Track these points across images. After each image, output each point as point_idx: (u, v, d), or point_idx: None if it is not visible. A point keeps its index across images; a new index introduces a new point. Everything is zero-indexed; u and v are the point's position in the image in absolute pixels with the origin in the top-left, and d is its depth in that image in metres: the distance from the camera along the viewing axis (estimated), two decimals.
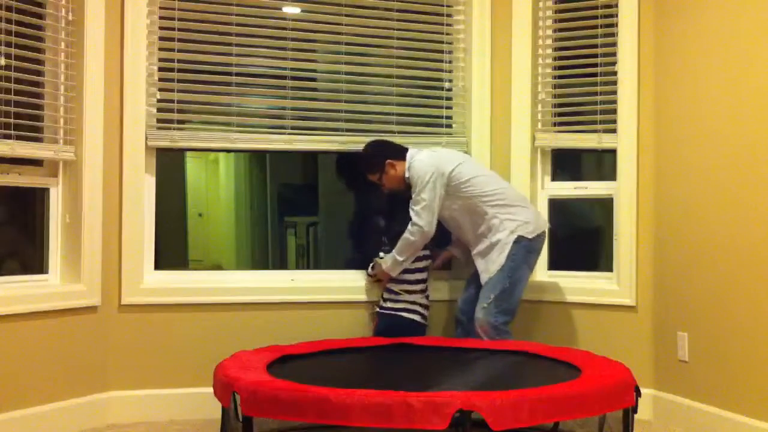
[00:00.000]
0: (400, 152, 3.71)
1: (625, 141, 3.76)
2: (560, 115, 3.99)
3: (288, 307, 3.78)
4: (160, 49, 3.69)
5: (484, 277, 3.55)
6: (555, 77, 3.99)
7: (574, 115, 3.94)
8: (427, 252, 3.75)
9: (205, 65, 3.76)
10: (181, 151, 5.05)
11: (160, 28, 3.69)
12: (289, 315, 3.77)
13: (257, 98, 3.96)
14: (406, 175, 3.65)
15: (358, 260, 4.10)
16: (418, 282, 3.71)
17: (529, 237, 3.53)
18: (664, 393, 3.63)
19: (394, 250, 3.65)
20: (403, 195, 3.72)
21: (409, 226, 3.58)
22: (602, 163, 4.00)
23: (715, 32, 3.36)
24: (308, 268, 6.26)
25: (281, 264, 6.59)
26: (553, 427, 3.22)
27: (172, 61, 3.70)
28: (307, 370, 3.02)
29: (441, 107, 4.03)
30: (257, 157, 6.75)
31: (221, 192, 7.62)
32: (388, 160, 3.70)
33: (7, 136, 3.26)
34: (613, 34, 3.81)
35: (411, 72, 4.00)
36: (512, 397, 2.44)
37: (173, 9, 3.70)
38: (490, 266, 3.54)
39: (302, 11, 3.91)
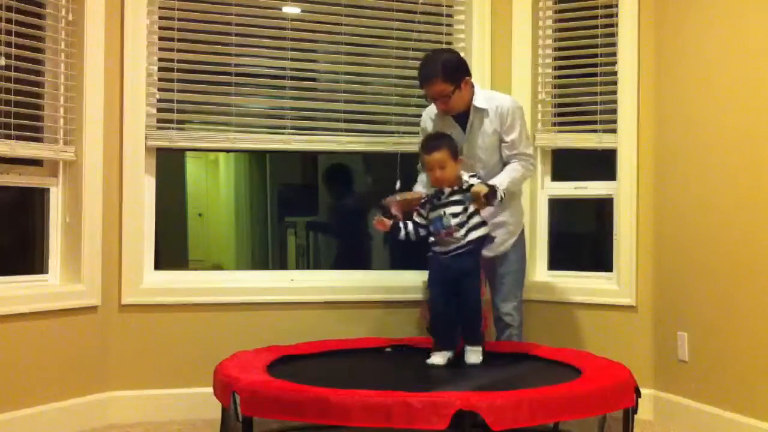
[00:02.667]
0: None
1: (625, 141, 3.76)
2: (560, 115, 3.98)
3: (288, 307, 3.78)
4: (160, 49, 3.69)
5: (485, 253, 3.37)
6: (555, 77, 3.98)
7: (574, 115, 3.94)
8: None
9: (205, 65, 3.76)
10: (180, 151, 5.07)
11: (160, 28, 3.69)
12: (289, 315, 3.77)
13: (257, 98, 3.96)
14: (480, 105, 3.35)
15: (359, 260, 4.12)
16: None
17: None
18: (664, 393, 3.63)
19: (505, 181, 3.23)
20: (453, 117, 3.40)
21: (524, 163, 3.35)
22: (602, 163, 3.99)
23: (716, 31, 3.36)
24: (308, 268, 6.26)
25: (281, 264, 6.59)
26: (554, 427, 3.21)
27: (171, 61, 3.70)
28: (307, 370, 3.02)
29: None
30: (257, 157, 6.75)
31: (221, 192, 7.61)
32: (467, 77, 3.36)
33: (7, 136, 3.26)
34: (613, 34, 3.80)
35: (410, 72, 3.99)
36: (512, 398, 2.44)
37: (173, 9, 3.70)
38: (497, 242, 3.38)
39: (302, 11, 3.91)
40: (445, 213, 3.10)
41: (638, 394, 2.76)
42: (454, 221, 3.08)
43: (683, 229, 3.53)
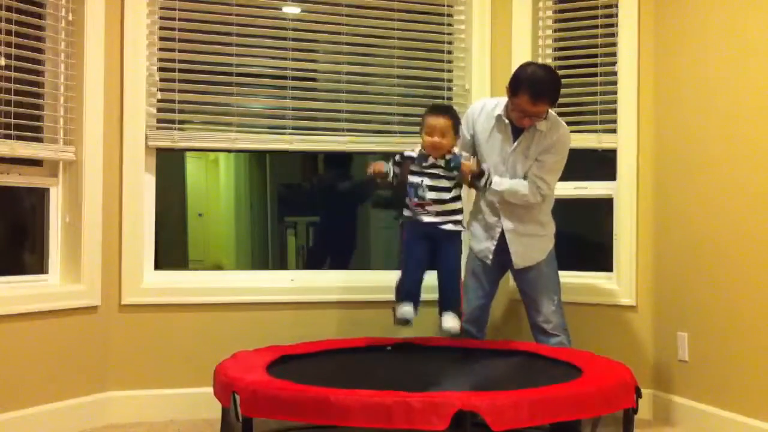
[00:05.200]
0: None
1: (625, 141, 3.76)
2: (560, 115, 3.95)
3: (288, 307, 3.78)
4: (160, 49, 3.69)
5: (518, 263, 3.40)
6: None
7: (574, 115, 3.94)
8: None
9: (206, 65, 3.76)
10: (181, 151, 5.06)
11: (160, 28, 3.69)
12: (289, 315, 3.77)
13: (258, 98, 3.96)
14: (540, 127, 3.27)
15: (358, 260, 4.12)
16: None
17: None
18: (664, 393, 3.63)
19: (505, 183, 3.26)
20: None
21: (533, 188, 3.28)
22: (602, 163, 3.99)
23: (716, 31, 3.36)
24: (308, 267, 6.27)
25: (281, 264, 6.60)
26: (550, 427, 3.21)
27: (172, 61, 3.70)
28: (307, 370, 3.02)
29: None
30: (257, 157, 6.76)
31: (221, 192, 7.62)
32: None
33: (7, 136, 3.26)
34: (613, 34, 3.81)
35: (411, 72, 3.99)
36: (512, 398, 2.44)
37: (173, 9, 3.70)
38: (531, 253, 3.39)
39: (302, 11, 3.91)
40: (422, 183, 3.10)
41: (639, 394, 2.76)
42: (429, 195, 3.09)
43: (683, 229, 3.53)
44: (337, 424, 2.42)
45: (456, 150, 3.18)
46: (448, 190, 3.13)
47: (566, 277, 3.84)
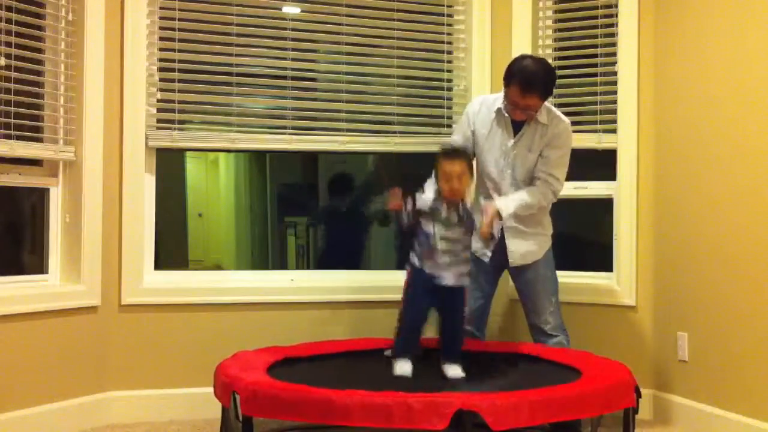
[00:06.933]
0: None
1: (625, 141, 3.76)
2: None
3: (288, 307, 3.78)
4: (160, 49, 3.69)
5: (515, 261, 3.37)
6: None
7: (574, 115, 3.93)
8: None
9: (206, 65, 3.76)
10: (181, 151, 5.07)
11: (160, 28, 3.69)
12: (289, 315, 3.77)
13: (257, 98, 3.96)
14: (542, 120, 3.25)
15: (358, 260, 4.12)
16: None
17: None
18: (664, 393, 3.63)
19: (512, 206, 3.21)
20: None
21: (545, 188, 3.27)
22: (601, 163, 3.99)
23: (716, 32, 3.36)
24: (308, 268, 6.27)
25: (281, 264, 6.60)
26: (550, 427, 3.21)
27: (172, 61, 3.70)
28: (308, 370, 3.02)
29: (442, 107, 4.03)
30: (257, 157, 6.76)
31: (221, 192, 7.63)
32: None
33: (7, 136, 3.26)
34: (613, 34, 3.81)
35: (411, 72, 3.99)
36: (512, 398, 2.44)
37: (173, 9, 3.70)
38: (529, 252, 3.37)
39: (302, 11, 3.91)
40: (434, 233, 2.97)
41: (638, 394, 2.76)
42: (441, 245, 2.96)
43: (683, 229, 3.53)
44: (337, 424, 2.42)
45: (468, 202, 3.07)
46: (458, 241, 2.99)
47: (566, 277, 3.84)
